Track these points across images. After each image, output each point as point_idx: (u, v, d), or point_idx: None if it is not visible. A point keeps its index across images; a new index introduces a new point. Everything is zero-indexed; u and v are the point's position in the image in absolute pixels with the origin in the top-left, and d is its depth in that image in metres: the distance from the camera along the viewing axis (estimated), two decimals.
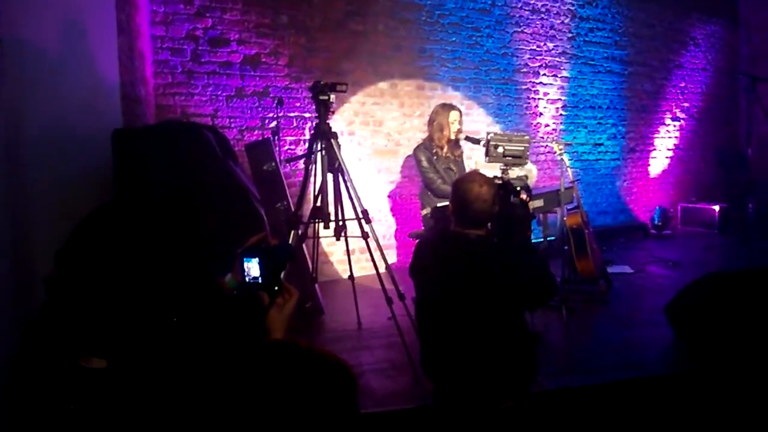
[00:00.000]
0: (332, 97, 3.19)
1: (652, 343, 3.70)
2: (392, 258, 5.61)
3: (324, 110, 3.19)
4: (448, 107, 4.46)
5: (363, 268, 5.11)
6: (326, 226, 3.24)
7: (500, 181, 2.83)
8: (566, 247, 4.44)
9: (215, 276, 1.53)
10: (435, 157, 4.31)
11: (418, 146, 4.47)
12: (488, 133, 3.33)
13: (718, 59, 8.48)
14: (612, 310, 4.41)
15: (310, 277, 3.69)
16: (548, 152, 6.66)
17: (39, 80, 2.38)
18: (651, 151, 7.91)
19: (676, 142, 8.15)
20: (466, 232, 2.35)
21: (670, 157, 8.11)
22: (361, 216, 3.21)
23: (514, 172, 3.14)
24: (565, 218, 4.44)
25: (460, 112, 4.49)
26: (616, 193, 7.59)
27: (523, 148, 3.15)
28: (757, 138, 7.46)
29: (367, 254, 3.08)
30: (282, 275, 1.51)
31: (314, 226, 3.46)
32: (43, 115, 2.38)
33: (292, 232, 3.17)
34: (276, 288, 1.47)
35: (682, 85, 8.12)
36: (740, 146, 8.38)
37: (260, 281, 1.46)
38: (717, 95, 8.51)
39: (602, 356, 3.51)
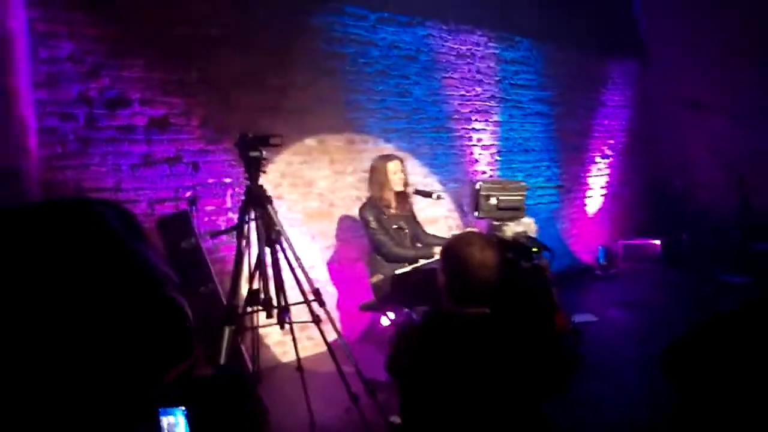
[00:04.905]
0: (264, 153, 2.60)
1: (650, 398, 3.29)
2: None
3: (255, 170, 2.58)
4: (387, 157, 3.99)
5: (304, 348, 4.41)
6: (269, 315, 2.56)
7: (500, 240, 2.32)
8: None
9: None
10: (384, 216, 3.76)
11: (363, 205, 3.90)
12: (476, 182, 2.83)
13: (633, 95, 8.61)
14: (593, 365, 3.96)
15: (251, 378, 2.98)
16: None
17: None
18: (586, 190, 7.79)
19: (607, 179, 8.10)
20: (465, 311, 1.79)
21: (605, 195, 8.03)
22: (312, 297, 2.58)
23: (510, 228, 2.62)
24: None
25: (401, 161, 4.02)
26: (558, 236, 7.33)
27: (520, 198, 2.66)
28: (681, 170, 7.71)
29: (308, 332, 2.48)
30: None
31: (252, 316, 2.76)
32: None
33: (227, 329, 2.47)
34: None
35: (606, 122, 8.15)
36: (666, 179, 8.46)
37: None
38: (637, 131, 8.61)
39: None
